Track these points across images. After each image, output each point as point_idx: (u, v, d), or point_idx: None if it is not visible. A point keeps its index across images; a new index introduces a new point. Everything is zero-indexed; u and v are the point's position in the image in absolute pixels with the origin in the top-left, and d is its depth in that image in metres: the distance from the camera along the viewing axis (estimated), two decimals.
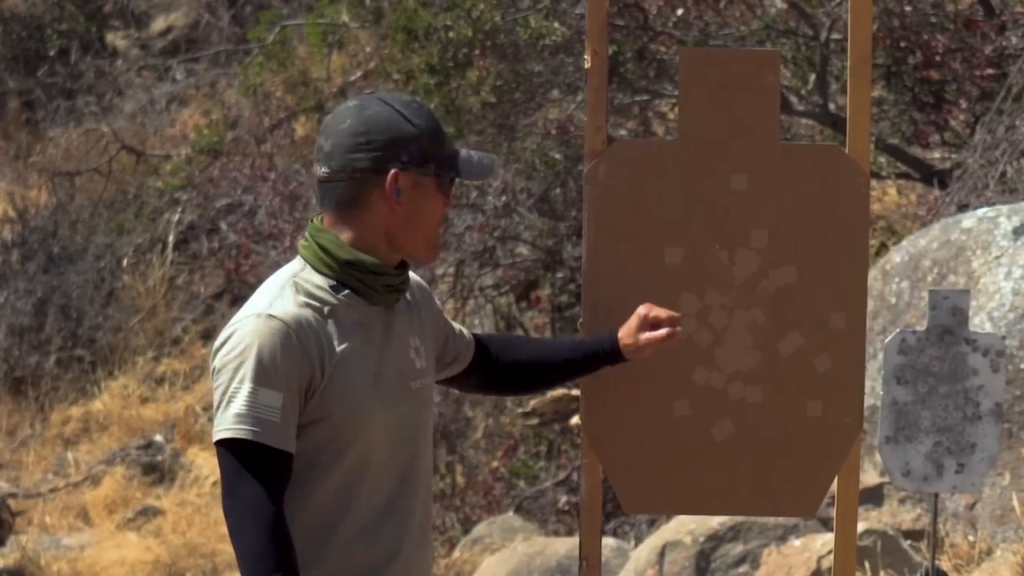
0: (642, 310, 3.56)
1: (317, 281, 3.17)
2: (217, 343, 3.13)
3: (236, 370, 3.07)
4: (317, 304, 3.14)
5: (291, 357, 3.07)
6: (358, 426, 3.14)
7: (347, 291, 3.17)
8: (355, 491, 3.15)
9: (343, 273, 3.17)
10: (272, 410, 3.05)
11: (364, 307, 3.19)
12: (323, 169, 3.19)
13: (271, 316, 3.08)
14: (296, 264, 3.22)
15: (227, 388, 3.07)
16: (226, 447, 3.06)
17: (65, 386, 13.61)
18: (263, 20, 15.55)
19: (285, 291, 3.15)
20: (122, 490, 11.61)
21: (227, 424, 3.06)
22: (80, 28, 17.79)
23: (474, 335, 3.57)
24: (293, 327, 3.08)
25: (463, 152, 3.23)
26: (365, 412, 3.14)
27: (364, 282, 3.17)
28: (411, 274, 3.35)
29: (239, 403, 3.05)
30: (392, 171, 3.16)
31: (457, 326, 3.53)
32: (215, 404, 3.10)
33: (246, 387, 3.05)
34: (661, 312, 3.54)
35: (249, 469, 3.04)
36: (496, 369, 3.57)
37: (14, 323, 14.07)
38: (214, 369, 3.11)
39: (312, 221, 3.24)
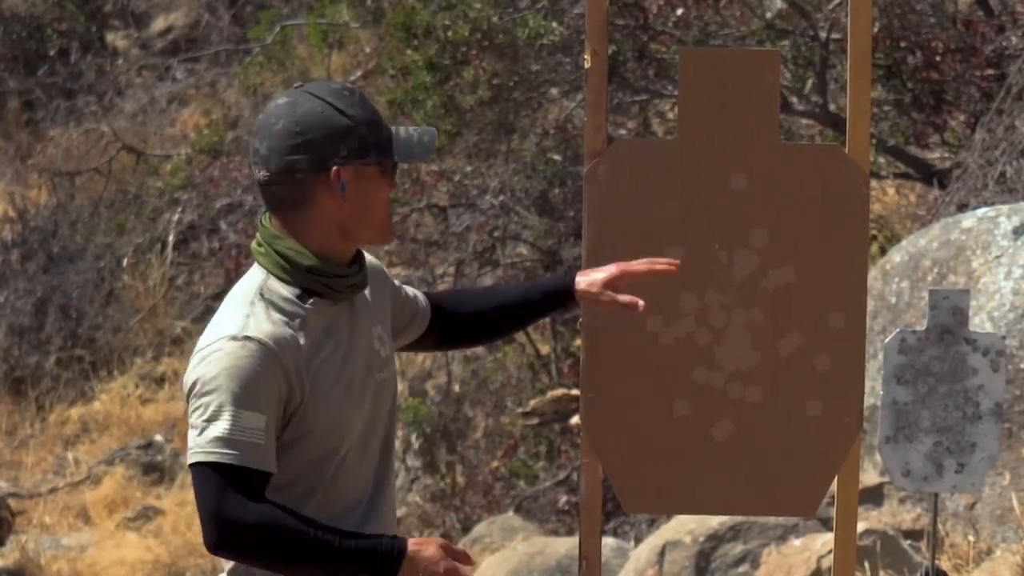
0: (616, 270, 3.50)
1: (283, 292, 3.12)
2: (191, 364, 3.08)
3: (215, 393, 3.02)
4: (287, 318, 3.09)
5: (272, 379, 3.04)
6: (338, 436, 3.13)
7: (313, 299, 3.13)
8: (332, 490, 3.15)
9: (306, 279, 3.12)
10: (257, 432, 3.02)
11: (329, 308, 3.15)
12: (262, 172, 3.12)
13: (248, 338, 3.04)
14: (258, 274, 3.17)
15: (206, 411, 3.02)
16: (208, 470, 3.01)
17: (65, 386, 13.62)
18: (263, 20, 15.56)
19: (256, 307, 3.10)
20: (122, 490, 11.61)
21: (209, 447, 3.01)
22: (80, 28, 17.80)
23: (427, 295, 3.51)
24: (272, 347, 3.04)
25: (400, 131, 3.17)
26: (342, 420, 3.13)
27: (329, 286, 3.13)
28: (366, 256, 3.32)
29: (222, 427, 3.00)
30: (334, 168, 3.11)
31: (411, 291, 3.48)
32: (192, 426, 3.05)
33: (228, 410, 3.01)
34: (638, 267, 3.51)
35: (233, 491, 3.00)
36: (452, 323, 3.51)
37: (14, 323, 14.07)
38: (190, 391, 3.06)
39: (262, 223, 3.18)
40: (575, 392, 9.95)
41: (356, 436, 3.16)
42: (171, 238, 14.63)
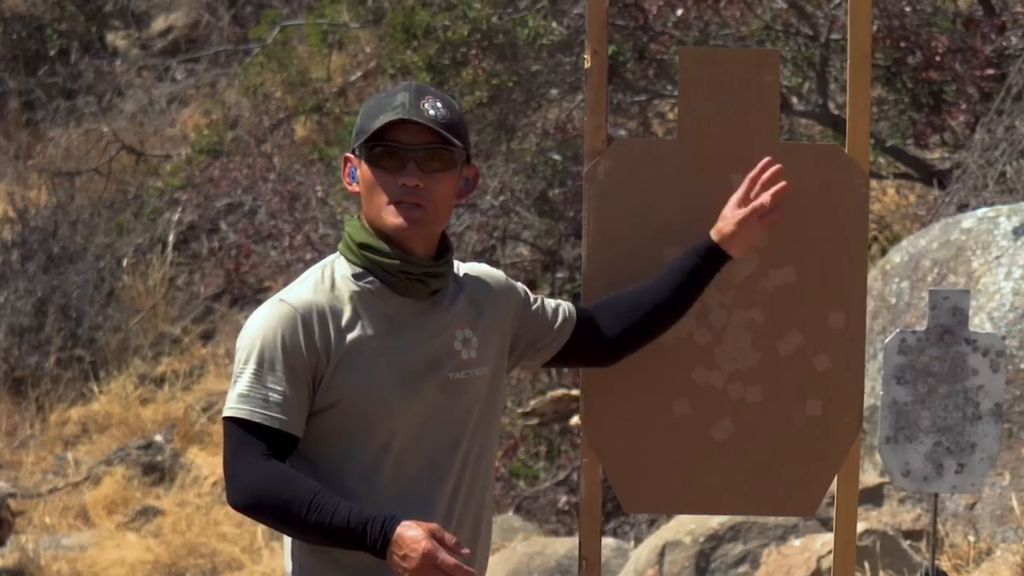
0: (734, 200, 3.60)
1: (343, 270, 3.24)
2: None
3: (244, 351, 3.15)
4: (337, 292, 3.20)
5: (294, 341, 3.13)
6: (376, 415, 3.16)
7: (371, 278, 3.21)
8: (377, 478, 3.17)
9: (364, 259, 3.22)
10: (275, 392, 3.11)
11: (392, 297, 3.22)
12: None
13: (282, 301, 3.17)
14: (332, 255, 3.30)
15: (236, 368, 3.16)
16: (230, 425, 3.13)
17: (65, 386, 13.61)
18: (263, 20, 15.56)
19: (309, 278, 3.23)
20: (122, 490, 11.61)
21: (231, 403, 3.13)
22: (80, 28, 17.79)
23: (580, 308, 3.55)
24: (301, 311, 3.15)
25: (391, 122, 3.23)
26: (382, 402, 3.16)
27: (384, 268, 3.21)
28: (483, 268, 3.41)
29: (243, 384, 3.13)
30: (343, 156, 3.31)
31: (554, 302, 3.52)
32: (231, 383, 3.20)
33: (250, 368, 3.13)
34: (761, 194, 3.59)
35: (248, 448, 3.10)
36: (610, 340, 3.54)
37: (14, 323, 14.06)
38: (236, 350, 3.20)
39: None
40: (575, 392, 9.95)
41: (407, 427, 3.18)
42: (171, 238, 14.63)
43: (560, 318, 3.50)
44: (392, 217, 3.20)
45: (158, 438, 12.33)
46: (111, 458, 12.10)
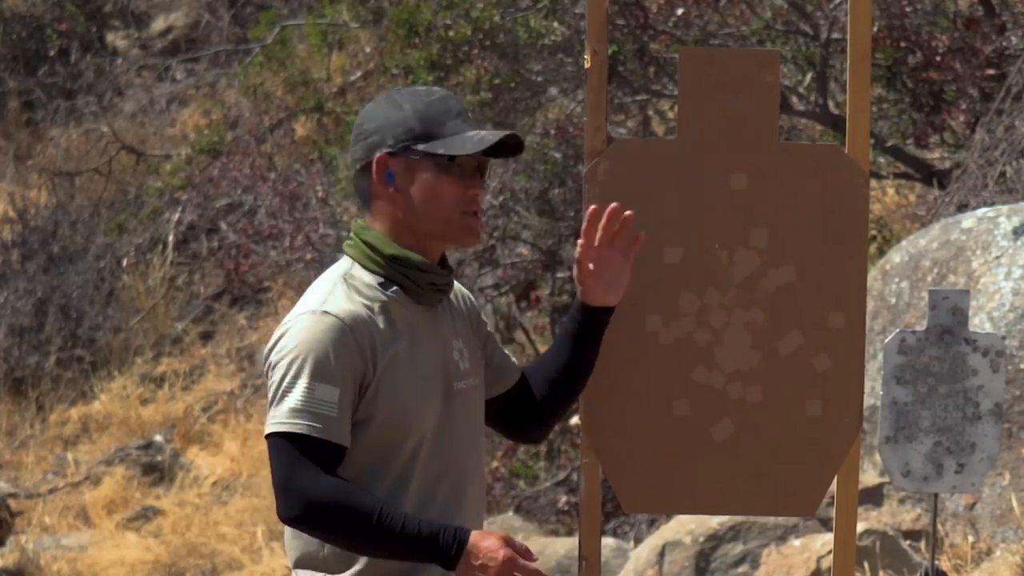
0: (581, 248, 3.46)
1: (366, 279, 3.19)
2: (272, 340, 3.16)
3: (291, 365, 3.08)
4: (368, 301, 3.16)
5: (346, 353, 3.09)
6: (406, 427, 3.15)
7: (395, 288, 3.18)
8: (403, 489, 3.16)
9: (390, 269, 3.18)
10: (329, 404, 3.07)
11: (412, 305, 3.21)
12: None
13: (325, 312, 3.11)
14: (345, 263, 3.24)
15: (281, 383, 3.08)
16: (282, 440, 3.07)
17: (65, 386, 13.61)
18: (263, 20, 15.56)
19: (337, 288, 3.16)
20: (122, 490, 11.61)
21: (282, 418, 3.07)
22: (80, 28, 17.79)
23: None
24: (348, 323, 3.10)
25: (468, 132, 3.19)
26: (412, 413, 3.15)
27: (411, 279, 3.18)
28: (456, 283, 3.38)
29: (295, 398, 3.07)
30: (376, 156, 3.19)
31: (504, 349, 3.52)
32: (269, 399, 3.12)
33: (302, 382, 3.07)
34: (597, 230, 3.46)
35: (305, 462, 3.05)
36: (534, 397, 3.51)
37: (14, 323, 14.07)
38: (269, 365, 3.13)
39: (356, 221, 3.27)
40: None
41: (428, 436, 3.18)
42: (171, 238, 14.63)
43: (510, 364, 3.49)
44: (465, 232, 3.20)
45: (158, 438, 12.34)
46: (111, 458, 12.10)
